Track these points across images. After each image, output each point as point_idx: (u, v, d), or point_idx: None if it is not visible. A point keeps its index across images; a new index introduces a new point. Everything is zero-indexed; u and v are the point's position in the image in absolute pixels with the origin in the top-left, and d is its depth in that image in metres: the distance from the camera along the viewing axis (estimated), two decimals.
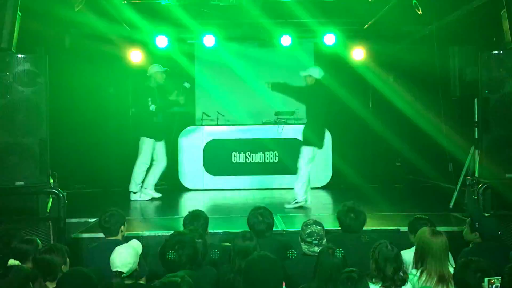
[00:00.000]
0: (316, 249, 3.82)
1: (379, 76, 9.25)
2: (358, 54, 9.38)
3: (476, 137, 6.12)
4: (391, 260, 3.38)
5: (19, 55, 5.47)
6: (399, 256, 3.45)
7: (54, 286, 3.46)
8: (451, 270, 3.48)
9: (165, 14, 7.86)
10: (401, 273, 3.40)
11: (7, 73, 5.39)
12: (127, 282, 3.55)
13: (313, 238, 3.95)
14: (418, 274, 3.56)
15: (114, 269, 3.51)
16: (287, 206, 7.02)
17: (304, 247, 3.99)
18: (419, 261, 3.64)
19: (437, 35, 7.31)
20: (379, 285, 3.38)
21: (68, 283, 3.13)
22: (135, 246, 3.75)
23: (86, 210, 6.59)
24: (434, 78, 7.59)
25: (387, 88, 9.10)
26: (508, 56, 5.57)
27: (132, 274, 3.61)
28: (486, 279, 2.83)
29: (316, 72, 7.11)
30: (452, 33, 7.36)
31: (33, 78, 5.48)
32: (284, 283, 3.48)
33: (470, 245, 4.26)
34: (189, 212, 4.66)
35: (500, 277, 2.86)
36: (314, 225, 4.02)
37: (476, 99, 6.04)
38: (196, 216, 4.57)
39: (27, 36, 5.86)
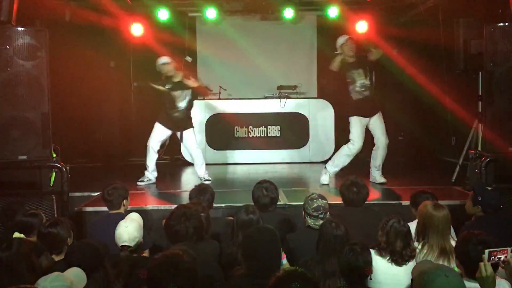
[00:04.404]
0: (322, 222, 3.84)
1: (383, 49, 9.14)
2: (361, 27, 9.26)
3: (480, 110, 6.09)
4: (401, 235, 3.42)
5: (19, 28, 5.42)
6: (409, 233, 3.49)
7: (61, 258, 3.50)
8: (453, 243, 3.49)
9: None
10: (409, 249, 3.44)
11: (8, 47, 5.35)
12: (133, 255, 3.58)
13: (319, 212, 3.97)
14: (420, 247, 3.58)
15: (122, 244, 3.53)
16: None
17: (310, 221, 4.00)
18: (420, 234, 3.65)
19: (442, 7, 7.21)
20: (387, 258, 3.42)
21: (77, 255, 3.16)
22: (137, 219, 3.78)
23: (89, 184, 6.63)
24: (438, 50, 7.51)
25: (391, 61, 9.00)
26: None
27: (137, 247, 3.64)
28: (486, 251, 2.83)
29: None
30: (457, 5, 7.25)
31: (34, 52, 5.45)
32: (284, 256, 3.50)
33: (472, 219, 4.27)
34: (196, 186, 4.67)
35: (502, 249, 2.86)
36: (319, 199, 4.03)
37: (480, 72, 5.99)
38: (203, 190, 4.58)
39: (26, 9, 5.80)
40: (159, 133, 7.03)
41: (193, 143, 7.14)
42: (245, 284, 2.99)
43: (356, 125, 6.60)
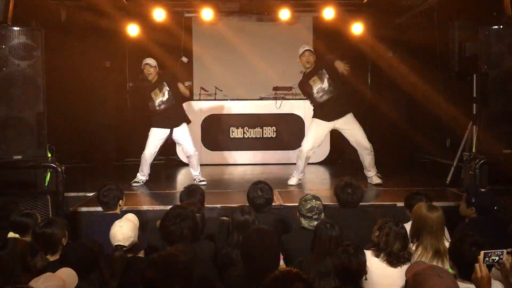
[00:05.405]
0: (316, 223, 3.85)
1: (378, 51, 9.19)
2: (357, 28, 9.30)
3: (474, 112, 6.13)
4: (400, 238, 3.42)
5: (15, 28, 5.41)
6: (407, 235, 3.50)
7: (55, 258, 3.49)
8: (447, 244, 3.51)
9: None
10: (406, 252, 3.44)
11: (3, 46, 5.35)
12: (128, 255, 3.58)
13: (313, 213, 3.99)
14: (414, 248, 3.60)
15: (116, 243, 3.53)
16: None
17: (304, 222, 4.02)
18: (415, 235, 3.66)
19: (437, 9, 7.24)
20: (383, 259, 3.42)
21: (72, 255, 3.16)
22: (133, 220, 3.77)
23: (84, 184, 6.62)
24: (433, 53, 7.55)
25: (386, 63, 9.05)
26: (508, 31, 5.53)
27: (132, 248, 3.64)
28: (482, 252, 2.84)
29: None
30: (452, 8, 7.29)
31: (29, 52, 5.44)
32: (282, 256, 3.52)
33: (466, 220, 4.29)
34: (185, 187, 4.67)
35: (497, 250, 2.88)
36: (313, 200, 4.05)
37: (475, 75, 6.02)
38: (193, 191, 4.58)
39: (22, 9, 5.79)
40: (155, 138, 6.89)
41: (186, 140, 6.95)
42: (242, 285, 3.00)
43: (312, 127, 6.70)
